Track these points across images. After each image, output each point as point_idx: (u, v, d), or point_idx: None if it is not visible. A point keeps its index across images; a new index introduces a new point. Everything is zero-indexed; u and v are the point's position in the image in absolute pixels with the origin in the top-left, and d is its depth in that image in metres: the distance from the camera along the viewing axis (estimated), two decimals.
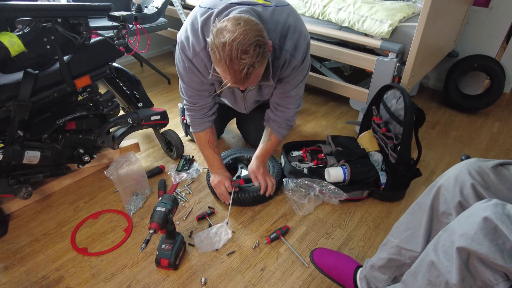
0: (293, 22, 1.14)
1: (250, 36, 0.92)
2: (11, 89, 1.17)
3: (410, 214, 0.93)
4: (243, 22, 0.94)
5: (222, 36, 0.94)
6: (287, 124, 1.41)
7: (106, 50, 1.40)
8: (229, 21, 0.95)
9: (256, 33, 0.94)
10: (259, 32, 0.95)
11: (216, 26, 0.97)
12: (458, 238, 0.66)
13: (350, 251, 1.32)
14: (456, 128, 2.17)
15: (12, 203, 1.44)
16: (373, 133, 1.71)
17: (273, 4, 1.14)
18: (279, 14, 1.13)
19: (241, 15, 0.97)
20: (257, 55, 0.95)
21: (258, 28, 0.96)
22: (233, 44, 0.92)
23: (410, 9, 1.82)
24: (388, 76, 1.70)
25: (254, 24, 0.95)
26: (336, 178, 1.50)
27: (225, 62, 0.95)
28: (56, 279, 1.19)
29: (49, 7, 1.11)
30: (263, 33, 0.97)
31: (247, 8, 1.07)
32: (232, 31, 0.92)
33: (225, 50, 0.93)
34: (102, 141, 1.50)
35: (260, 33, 0.95)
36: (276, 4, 1.15)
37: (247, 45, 0.92)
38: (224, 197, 1.46)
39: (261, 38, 0.95)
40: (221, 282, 1.19)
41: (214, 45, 0.95)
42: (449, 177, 0.82)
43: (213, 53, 0.98)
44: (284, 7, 1.16)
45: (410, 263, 0.89)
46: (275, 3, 1.15)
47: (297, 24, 1.16)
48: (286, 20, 1.14)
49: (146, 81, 2.64)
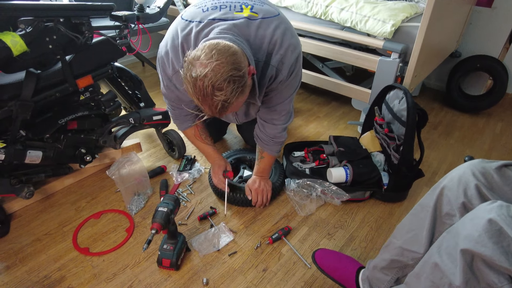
0: (280, 35, 1.06)
1: (223, 71, 0.85)
2: (13, 89, 1.17)
3: (413, 215, 0.92)
4: (217, 54, 0.86)
5: (194, 70, 0.86)
6: (274, 141, 1.33)
7: (108, 49, 1.39)
8: (203, 50, 0.87)
9: (230, 66, 0.86)
10: (234, 65, 0.87)
11: (188, 56, 0.89)
12: (462, 240, 0.66)
13: (352, 252, 1.31)
14: (459, 129, 2.16)
15: (14, 203, 1.44)
16: (375, 133, 1.71)
17: (260, 16, 1.07)
18: (265, 28, 1.05)
19: (217, 42, 0.89)
20: (232, 91, 0.88)
21: (234, 60, 0.87)
22: (204, 80, 0.85)
23: (413, 9, 1.81)
24: (391, 77, 1.69)
25: (230, 55, 0.87)
26: (338, 179, 1.50)
27: (197, 98, 0.90)
28: (58, 279, 1.19)
29: (52, 6, 1.10)
30: (239, 64, 0.88)
31: (229, 26, 1.00)
32: (204, 65, 0.85)
33: (196, 86, 0.87)
34: (104, 140, 1.50)
35: (235, 65, 0.87)
36: (264, 16, 1.07)
37: (220, 82, 0.85)
38: (220, 186, 1.47)
39: (236, 71, 0.87)
40: (223, 283, 1.18)
41: (186, 79, 0.89)
42: (453, 178, 0.82)
43: (186, 86, 0.91)
44: (272, 19, 1.08)
45: (413, 264, 0.89)
46: (263, 14, 1.08)
47: (285, 37, 1.07)
48: (273, 34, 1.06)
49: (147, 80, 2.64)
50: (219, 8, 1.08)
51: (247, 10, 1.07)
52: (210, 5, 1.09)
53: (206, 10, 1.08)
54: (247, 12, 1.07)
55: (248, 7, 1.08)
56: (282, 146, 1.39)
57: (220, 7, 1.08)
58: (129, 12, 1.35)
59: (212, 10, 1.07)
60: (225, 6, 1.08)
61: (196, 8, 1.10)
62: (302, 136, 2.02)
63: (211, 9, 1.08)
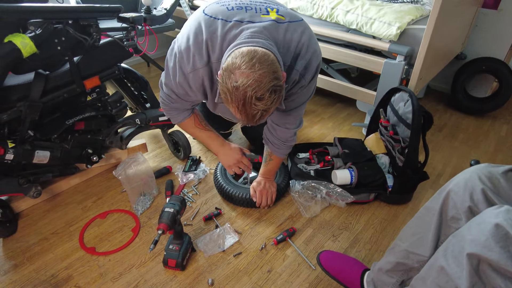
0: (307, 40, 1.06)
1: (266, 81, 0.85)
2: (22, 90, 1.18)
3: (419, 218, 0.93)
4: (258, 64, 0.85)
5: (234, 79, 0.85)
6: (285, 145, 1.33)
7: (115, 51, 1.40)
8: (242, 58, 0.86)
9: (272, 76, 0.86)
10: (275, 74, 0.87)
11: (227, 63, 0.88)
12: (469, 244, 0.66)
13: (356, 254, 1.31)
14: (463, 131, 2.15)
15: (21, 202, 1.46)
16: (380, 135, 1.71)
17: (287, 20, 1.06)
18: (292, 32, 1.05)
19: (255, 50, 0.87)
20: (272, 101, 0.88)
21: (274, 69, 0.87)
22: (247, 90, 0.84)
23: (419, 11, 1.81)
24: (396, 79, 1.70)
25: (270, 63, 0.87)
26: (343, 181, 1.50)
27: (236, 107, 0.89)
28: (64, 278, 1.20)
29: (61, 9, 1.12)
30: (279, 73, 0.89)
31: (259, 28, 0.98)
32: (246, 75, 0.84)
33: (238, 95, 0.86)
34: (110, 141, 1.51)
35: (276, 75, 0.87)
36: (290, 20, 1.06)
37: (263, 92, 0.85)
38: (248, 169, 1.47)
39: (277, 81, 0.87)
40: (228, 283, 1.19)
41: (226, 87, 0.88)
42: (459, 182, 0.82)
43: (223, 94, 0.90)
44: (298, 23, 1.08)
45: (418, 267, 0.89)
46: (289, 18, 1.07)
47: (311, 43, 1.08)
48: (300, 39, 1.05)
49: (153, 81, 2.64)
50: (245, 9, 1.05)
51: (273, 13, 1.06)
52: (234, 4, 1.06)
53: (231, 9, 1.05)
54: (274, 15, 1.05)
55: (274, 10, 1.07)
56: (290, 150, 1.39)
57: (245, 8, 1.05)
58: (136, 14, 1.36)
59: (238, 10, 1.04)
60: (251, 8, 1.06)
61: (219, 5, 1.07)
62: (306, 138, 2.02)
63: (236, 8, 1.05)
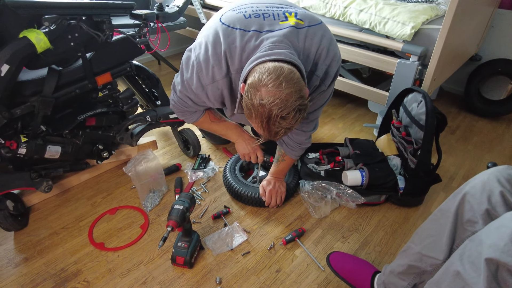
0: (327, 44, 1.04)
1: (292, 101, 0.84)
2: (36, 85, 1.19)
3: (433, 220, 0.90)
4: (285, 82, 0.84)
5: (260, 96, 0.85)
6: (300, 147, 1.32)
7: (128, 48, 1.41)
8: (269, 75, 0.85)
9: (298, 95, 0.85)
10: (301, 93, 0.87)
11: (252, 79, 0.87)
12: (487, 249, 0.64)
13: (366, 256, 1.30)
14: (477, 134, 2.11)
15: (33, 196, 1.47)
16: (392, 136, 1.68)
17: (306, 24, 1.03)
18: (312, 37, 1.02)
19: (281, 67, 0.86)
20: (296, 120, 0.88)
21: (299, 88, 0.86)
22: (273, 108, 0.84)
23: (434, 11, 1.78)
24: (409, 79, 1.67)
25: (296, 82, 0.86)
26: (354, 182, 1.48)
27: (260, 123, 0.89)
28: (74, 272, 1.21)
29: (76, 5, 1.12)
30: (304, 91, 0.88)
31: (280, 37, 0.96)
32: (273, 94, 0.84)
33: (264, 112, 0.86)
34: (121, 137, 1.52)
35: (302, 93, 0.87)
36: (309, 24, 1.03)
37: (289, 111, 0.85)
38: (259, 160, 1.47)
39: (303, 100, 0.87)
40: (236, 282, 1.18)
41: (251, 104, 0.87)
42: (476, 184, 0.80)
43: (247, 110, 0.90)
44: (318, 26, 1.05)
45: (431, 271, 0.88)
46: (308, 21, 1.04)
47: (331, 47, 1.05)
48: (320, 44, 1.03)
49: (163, 79, 2.64)
50: (262, 16, 1.02)
51: (292, 18, 1.03)
52: (251, 11, 1.04)
53: (248, 17, 1.02)
54: (293, 20, 1.02)
55: (292, 14, 1.04)
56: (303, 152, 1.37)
57: (263, 15, 1.02)
58: (149, 10, 1.36)
59: (255, 18, 1.02)
60: (268, 14, 1.03)
61: (236, 13, 1.04)
62: (316, 138, 2.01)
63: (254, 16, 1.02)
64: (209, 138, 1.91)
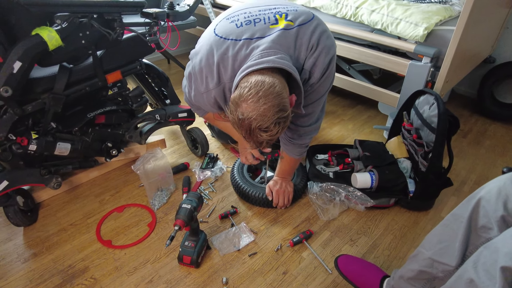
0: (315, 40, 1.03)
1: (270, 115, 0.88)
2: (47, 82, 1.20)
3: (445, 225, 0.88)
4: (263, 98, 0.87)
5: (240, 111, 0.89)
6: (291, 143, 1.28)
7: (138, 46, 1.41)
8: (249, 90, 0.88)
9: (277, 109, 0.88)
10: (280, 106, 0.89)
11: (235, 94, 0.91)
12: (503, 257, 0.62)
13: (375, 260, 1.28)
14: (490, 138, 2.07)
15: (42, 192, 1.48)
16: (402, 139, 1.66)
17: (296, 24, 1.04)
18: (302, 36, 1.03)
19: (263, 81, 0.89)
20: (277, 131, 0.91)
21: (279, 102, 0.89)
22: (252, 122, 0.88)
23: (447, 12, 1.75)
24: (421, 81, 1.64)
25: (276, 96, 0.88)
26: (363, 184, 1.46)
27: (244, 134, 0.93)
28: (81, 269, 1.22)
29: (88, 3, 1.13)
30: (285, 104, 0.90)
31: (269, 44, 0.98)
32: (251, 109, 0.87)
33: (244, 125, 0.90)
34: (130, 136, 1.52)
35: (282, 107, 0.89)
36: (300, 23, 1.04)
37: (267, 125, 0.88)
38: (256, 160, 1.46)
39: (282, 112, 0.90)
40: (242, 283, 1.18)
41: (232, 118, 0.92)
42: (491, 189, 0.78)
43: (232, 122, 0.94)
44: (308, 24, 1.05)
45: (442, 277, 0.86)
46: (299, 21, 1.04)
47: (320, 40, 1.04)
48: (309, 41, 1.03)
49: (173, 78, 2.65)
50: (253, 22, 1.04)
51: (282, 20, 1.04)
52: (243, 19, 1.06)
53: (240, 25, 1.04)
54: (283, 22, 1.03)
55: (283, 16, 1.05)
56: (304, 150, 1.34)
57: (254, 21, 1.04)
58: (159, 9, 1.36)
59: (247, 26, 1.03)
60: (259, 19, 1.04)
61: (229, 22, 1.07)
62: (325, 139, 1.99)
63: (245, 24, 1.04)
64: (218, 137, 1.90)
